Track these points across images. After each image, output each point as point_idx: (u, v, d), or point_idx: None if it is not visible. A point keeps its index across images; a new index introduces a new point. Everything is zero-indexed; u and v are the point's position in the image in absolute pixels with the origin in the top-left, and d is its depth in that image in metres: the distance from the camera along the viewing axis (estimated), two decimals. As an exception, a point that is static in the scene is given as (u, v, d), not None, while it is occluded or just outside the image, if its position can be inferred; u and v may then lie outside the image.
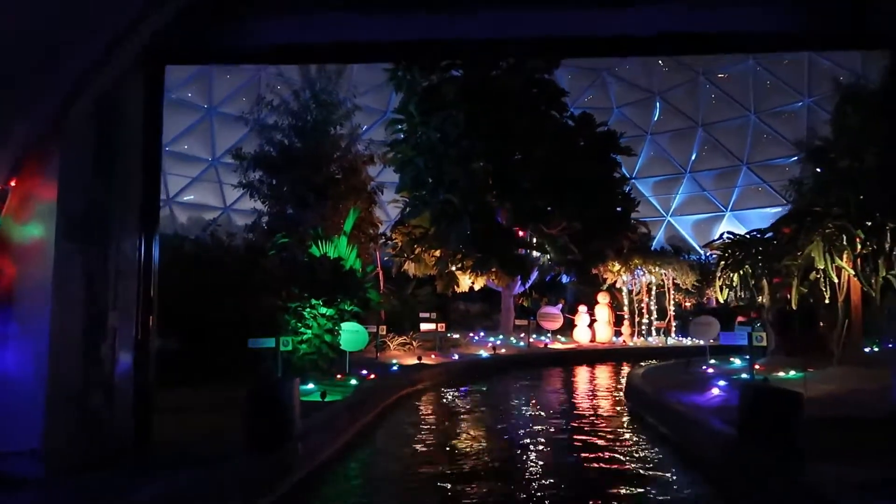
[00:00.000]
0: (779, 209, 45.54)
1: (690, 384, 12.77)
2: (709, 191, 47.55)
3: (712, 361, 17.17)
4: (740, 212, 46.57)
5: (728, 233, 16.64)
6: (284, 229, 23.90)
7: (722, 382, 12.15)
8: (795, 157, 43.61)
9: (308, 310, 13.87)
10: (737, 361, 16.92)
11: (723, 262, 15.55)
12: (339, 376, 14.10)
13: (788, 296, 13.26)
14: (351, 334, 15.11)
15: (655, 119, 46.86)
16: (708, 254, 40.74)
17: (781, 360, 14.92)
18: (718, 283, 15.79)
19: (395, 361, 17.61)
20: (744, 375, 13.21)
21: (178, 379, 11.93)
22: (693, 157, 47.13)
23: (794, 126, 42.59)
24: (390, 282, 29.85)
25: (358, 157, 28.97)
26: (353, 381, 13.39)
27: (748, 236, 15.71)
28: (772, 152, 44.07)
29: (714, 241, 17.36)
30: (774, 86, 42.37)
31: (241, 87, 41.78)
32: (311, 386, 12.66)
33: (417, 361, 17.64)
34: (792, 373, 13.14)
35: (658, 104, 46.47)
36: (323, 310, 14.45)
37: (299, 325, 13.60)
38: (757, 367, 14.56)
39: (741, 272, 15.19)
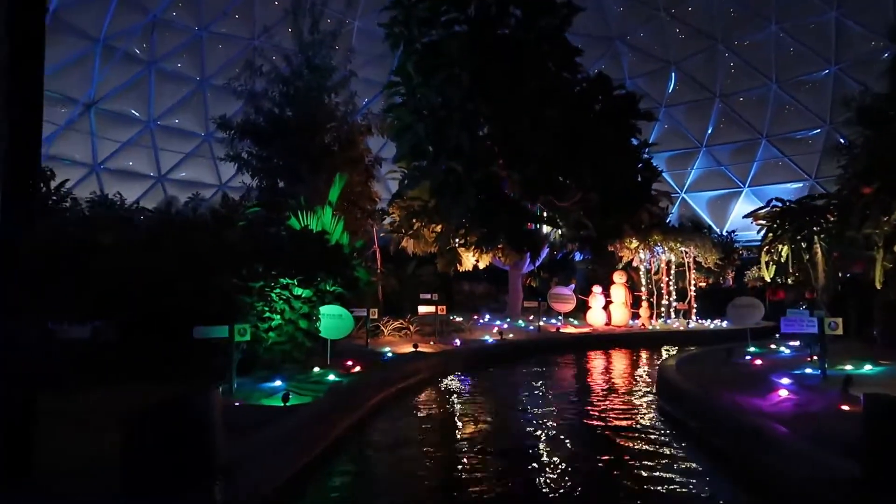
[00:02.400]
0: (800, 184, 42.77)
1: (743, 381, 10.23)
2: (726, 166, 44.72)
3: (752, 349, 14.66)
4: (759, 188, 43.72)
5: (776, 199, 13.99)
6: (275, 205, 21.55)
7: (785, 380, 9.63)
8: (818, 130, 40.84)
9: (278, 290, 11.39)
10: (784, 350, 14.39)
11: (771, 235, 12.99)
12: (316, 369, 11.67)
13: (863, 273, 10.64)
14: (333, 319, 12.63)
15: (670, 90, 43.89)
16: (725, 232, 38.07)
17: (843, 348, 12.41)
18: (764, 258, 13.27)
19: (387, 349, 15.17)
20: (808, 370, 10.69)
21: (115, 377, 9.57)
22: (710, 131, 44.22)
23: (818, 96, 39.64)
24: (389, 261, 27.42)
25: (355, 127, 26.55)
26: (332, 377, 10.95)
27: (798, 203, 13.17)
28: (794, 124, 41.18)
29: (758, 209, 14.83)
30: (798, 53, 39.26)
31: (235, 57, 39.01)
32: (277, 383, 10.24)
33: (413, 349, 15.17)
34: (868, 367, 10.58)
35: (673, 74, 43.47)
36: (298, 291, 11.98)
37: (266, 309, 11.13)
38: (813, 357, 12.04)
39: (793, 245, 12.65)
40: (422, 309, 18.58)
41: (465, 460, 7.78)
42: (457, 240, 21.96)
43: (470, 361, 15.74)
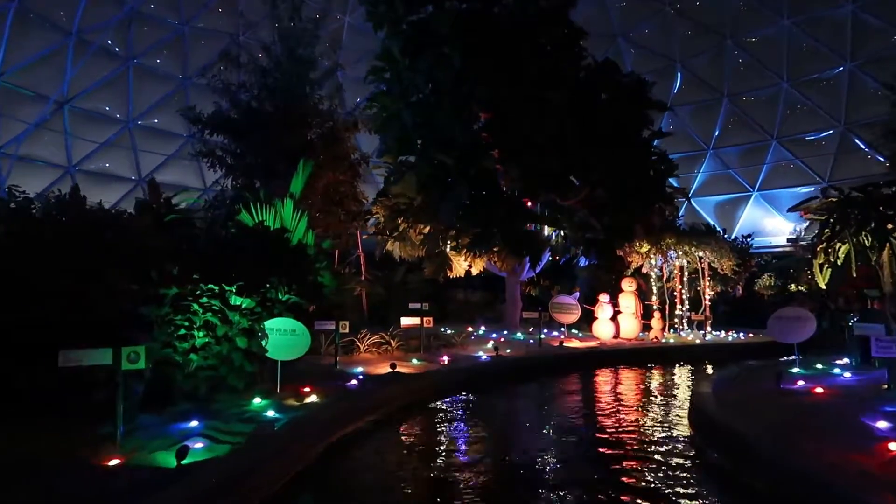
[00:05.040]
0: (812, 188, 40.07)
1: (817, 420, 7.50)
2: (734, 169, 42.02)
3: (796, 370, 11.94)
4: (768, 191, 41.12)
5: (832, 187, 11.26)
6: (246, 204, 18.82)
7: (883, 423, 6.91)
8: (832, 130, 38.10)
9: (206, 300, 8.66)
10: (840, 372, 11.64)
11: (828, 231, 10.30)
12: (257, 400, 8.94)
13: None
14: (284, 336, 9.92)
15: (676, 90, 41.25)
16: (741, 236, 35.16)
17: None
18: (819, 260, 10.58)
19: (360, 370, 12.43)
20: (904, 407, 7.93)
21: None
22: (717, 132, 41.57)
23: (832, 95, 37.00)
24: (377, 267, 24.71)
25: (340, 122, 24.02)
26: (271, 412, 8.22)
27: (863, 192, 10.45)
28: (806, 125, 38.47)
29: (806, 200, 12.03)
30: (811, 50, 36.64)
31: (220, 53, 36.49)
32: (194, 424, 7.52)
33: (390, 370, 12.41)
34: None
35: (679, 73, 40.85)
36: (237, 300, 9.26)
37: (185, 323, 8.39)
38: (889, 385, 9.30)
39: (855, 241, 9.97)
40: (405, 321, 15.76)
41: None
42: (447, 242, 19.18)
43: (458, 384, 12.95)
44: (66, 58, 32.33)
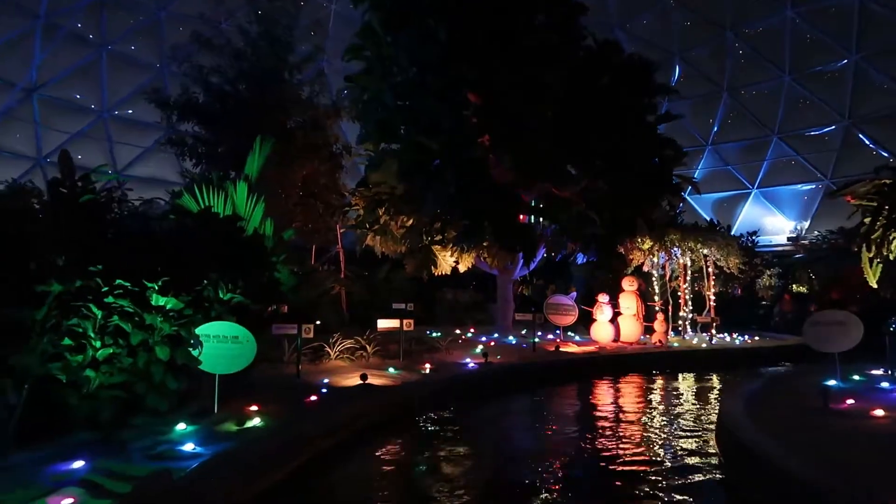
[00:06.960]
0: (814, 185, 38.43)
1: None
2: (733, 165, 40.34)
3: (833, 382, 10.10)
4: (769, 189, 39.50)
5: (885, 167, 9.41)
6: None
7: None
8: (835, 126, 36.40)
9: (112, 300, 6.72)
10: (889, 386, 9.81)
11: (882, 219, 8.49)
12: (181, 425, 7.00)
13: None
14: (223, 344, 7.97)
15: (674, 83, 39.40)
16: (746, 233, 33.28)
17: None
18: (868, 253, 8.78)
19: (325, 381, 10.53)
20: None
21: None
22: (716, 128, 39.87)
23: (836, 89, 35.30)
24: (357, 263, 22.79)
25: (321, 110, 22.19)
26: (191, 446, 6.28)
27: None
28: (809, 120, 36.81)
29: (851, 184, 10.19)
30: (815, 41, 34.95)
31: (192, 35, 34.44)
32: (80, 464, 5.59)
33: (361, 381, 10.47)
34: None
35: (677, 66, 39.09)
36: (160, 300, 7.33)
37: (77, 329, 6.44)
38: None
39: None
40: (382, 323, 13.80)
41: None
42: (431, 235, 17.23)
43: (440, 398, 11.00)
44: (34, 42, 30.23)
